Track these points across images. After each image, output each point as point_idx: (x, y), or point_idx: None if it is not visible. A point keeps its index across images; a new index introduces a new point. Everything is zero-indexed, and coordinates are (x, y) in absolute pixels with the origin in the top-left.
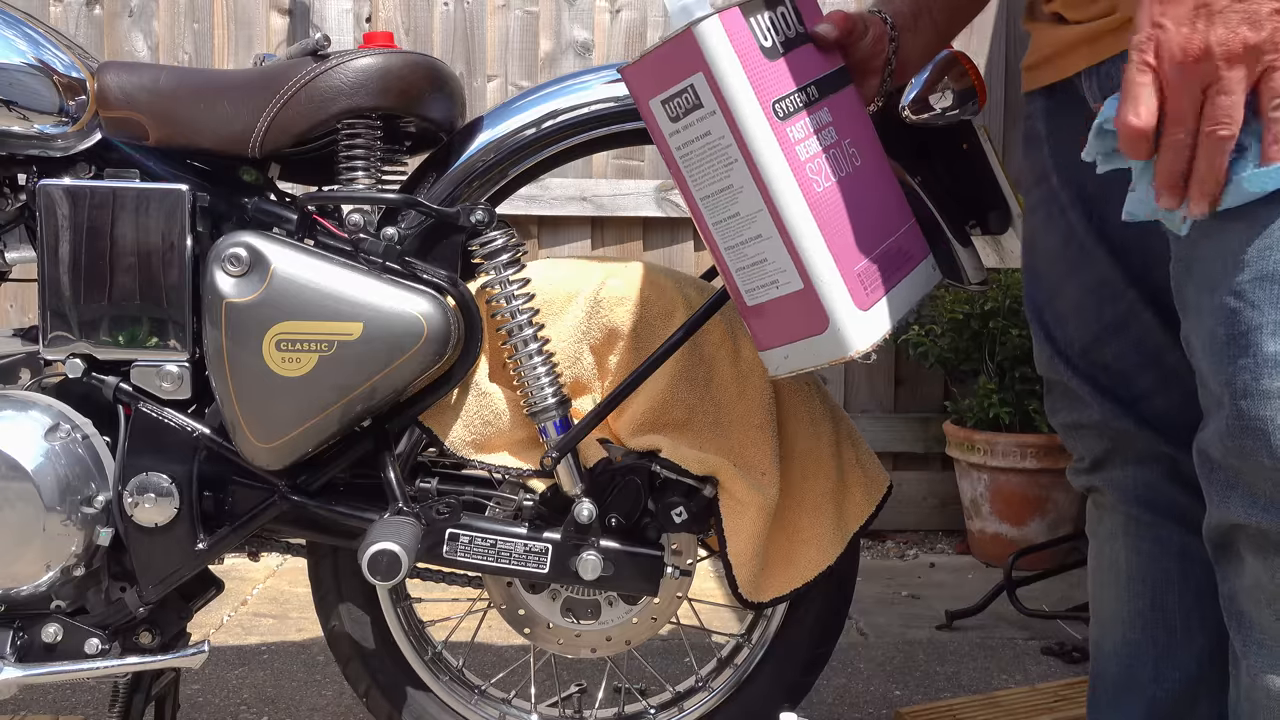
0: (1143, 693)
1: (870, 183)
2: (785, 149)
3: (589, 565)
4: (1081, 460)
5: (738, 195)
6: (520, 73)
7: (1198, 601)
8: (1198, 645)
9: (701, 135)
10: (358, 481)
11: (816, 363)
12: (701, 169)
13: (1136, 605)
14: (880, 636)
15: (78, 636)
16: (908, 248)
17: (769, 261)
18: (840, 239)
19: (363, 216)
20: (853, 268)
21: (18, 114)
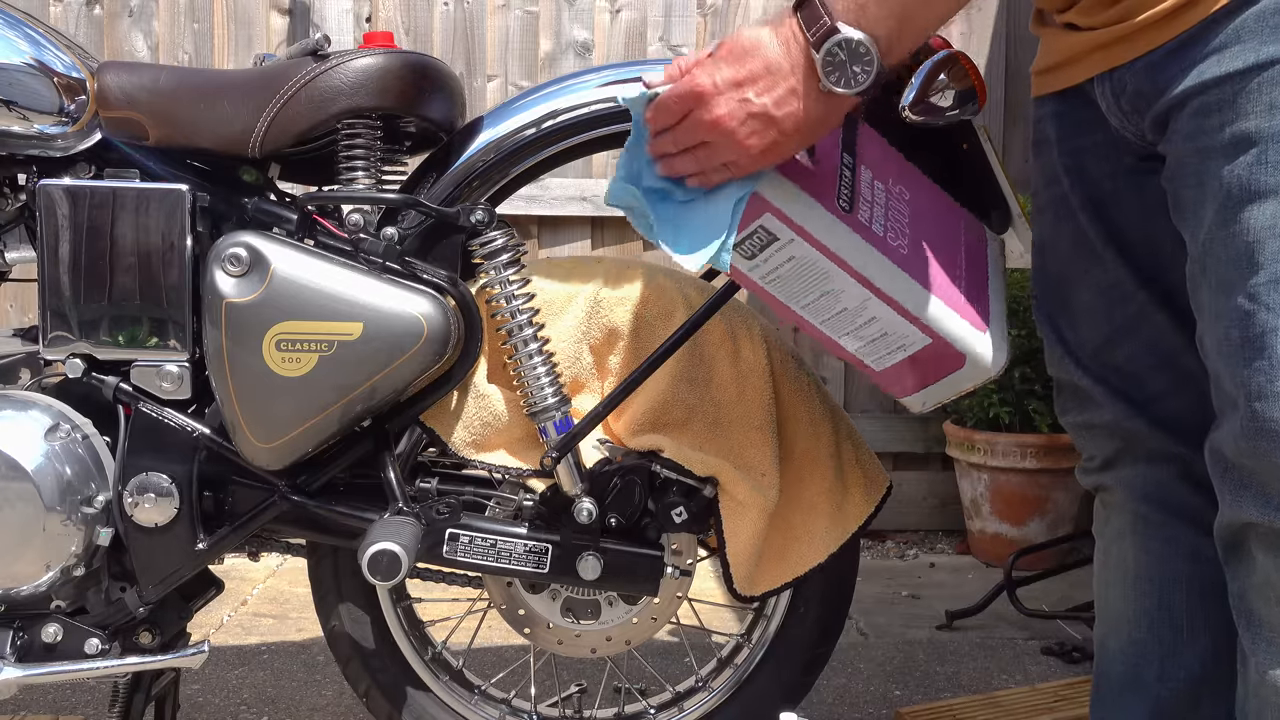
0: (1148, 692)
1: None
2: (866, 237)
3: (589, 565)
4: (1092, 459)
5: (840, 295)
6: (520, 73)
7: (1203, 602)
8: (1202, 645)
9: (786, 261)
10: (358, 481)
11: (961, 390)
12: (794, 286)
13: (1143, 604)
14: (880, 636)
15: (78, 636)
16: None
17: (890, 334)
18: (940, 279)
19: (363, 216)
20: (961, 299)
21: (18, 114)
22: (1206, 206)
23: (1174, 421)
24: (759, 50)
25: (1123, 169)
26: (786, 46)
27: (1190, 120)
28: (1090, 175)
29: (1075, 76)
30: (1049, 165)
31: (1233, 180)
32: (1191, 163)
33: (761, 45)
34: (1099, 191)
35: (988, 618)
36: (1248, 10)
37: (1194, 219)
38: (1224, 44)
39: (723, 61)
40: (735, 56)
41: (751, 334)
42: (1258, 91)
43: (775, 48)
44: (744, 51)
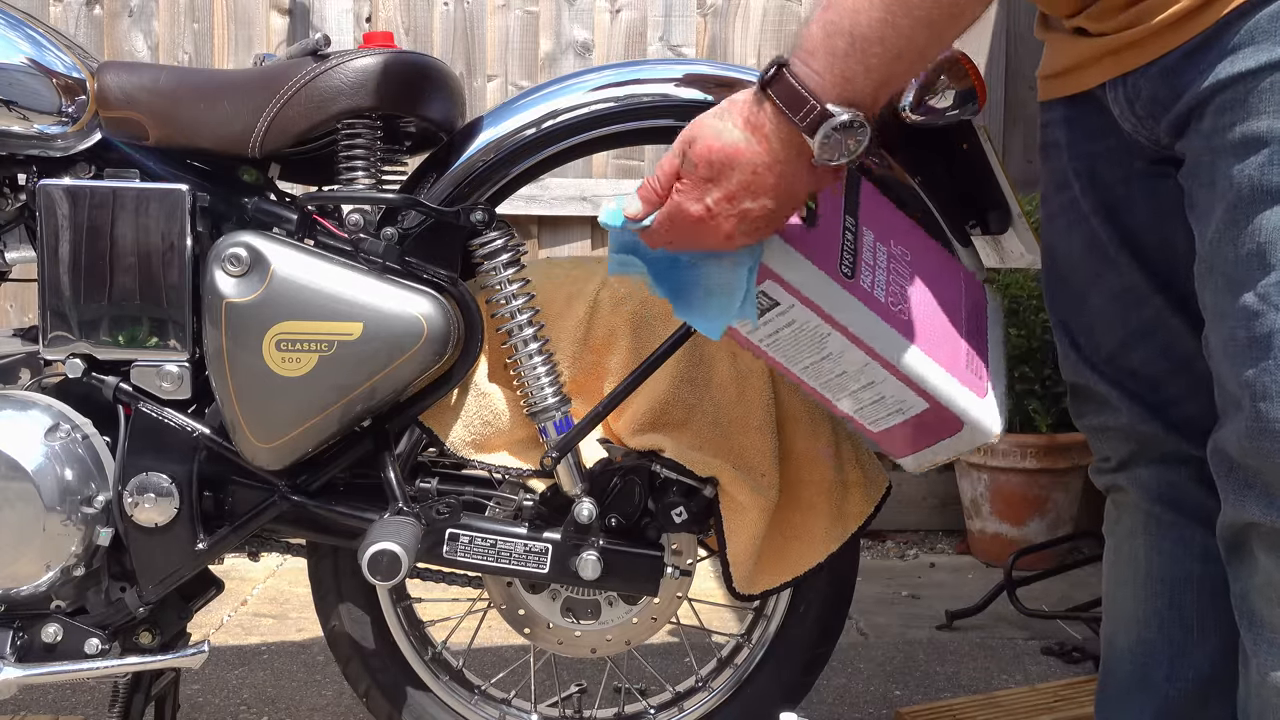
0: (1156, 691)
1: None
2: (868, 303)
3: (589, 565)
4: (1106, 460)
5: (839, 359)
6: (520, 73)
7: (1214, 602)
8: (1211, 645)
9: (786, 325)
10: (358, 481)
11: (958, 453)
12: (794, 349)
13: (1154, 604)
14: (880, 636)
15: (78, 636)
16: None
17: (887, 397)
18: (939, 344)
19: (363, 216)
20: (961, 363)
21: (18, 114)
22: (1216, 206)
23: (1189, 424)
24: (740, 157)
25: (1135, 173)
26: (768, 142)
27: (1206, 120)
28: (1102, 180)
29: (1085, 82)
30: (1059, 170)
31: (1243, 180)
32: (1205, 161)
33: (740, 152)
34: (1111, 196)
35: (988, 618)
36: (1262, 11)
37: (1204, 218)
38: (1238, 44)
39: (706, 181)
40: (718, 171)
41: None
42: (1270, 91)
43: (756, 148)
44: (725, 163)
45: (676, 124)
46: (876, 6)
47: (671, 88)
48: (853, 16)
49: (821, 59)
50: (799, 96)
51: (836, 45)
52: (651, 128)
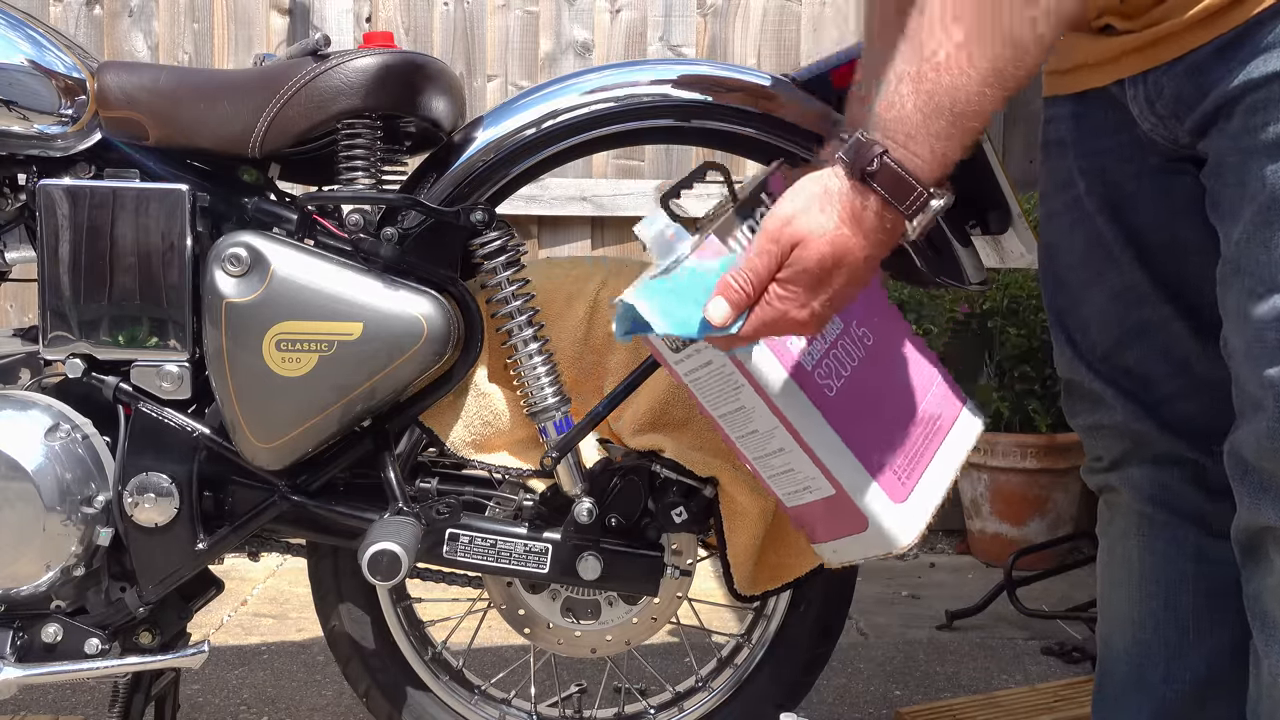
0: (1153, 693)
1: (886, 359)
2: (788, 365)
3: (589, 565)
4: (1099, 460)
5: (752, 415)
6: (520, 73)
7: (1209, 603)
8: (1208, 647)
9: (704, 364)
10: (358, 481)
11: (866, 556)
12: (712, 392)
13: (1149, 605)
14: (880, 636)
15: (78, 636)
16: (939, 410)
17: (796, 471)
18: (863, 436)
19: (363, 216)
20: (882, 462)
21: (18, 114)
22: (1245, 207)
23: (1184, 424)
24: (849, 255)
25: (1147, 170)
26: (872, 234)
27: (1235, 119)
28: (1111, 177)
29: (1100, 79)
30: (1063, 168)
31: (1276, 181)
32: (1233, 162)
33: (850, 249)
34: (1119, 194)
35: (988, 618)
36: None
37: (1231, 218)
38: (1272, 43)
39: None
40: (824, 274)
41: None
42: None
43: (862, 241)
44: (836, 264)
45: (677, 124)
46: (975, 81)
47: (671, 88)
48: (952, 94)
49: (923, 142)
50: (906, 185)
51: (938, 127)
52: (651, 128)
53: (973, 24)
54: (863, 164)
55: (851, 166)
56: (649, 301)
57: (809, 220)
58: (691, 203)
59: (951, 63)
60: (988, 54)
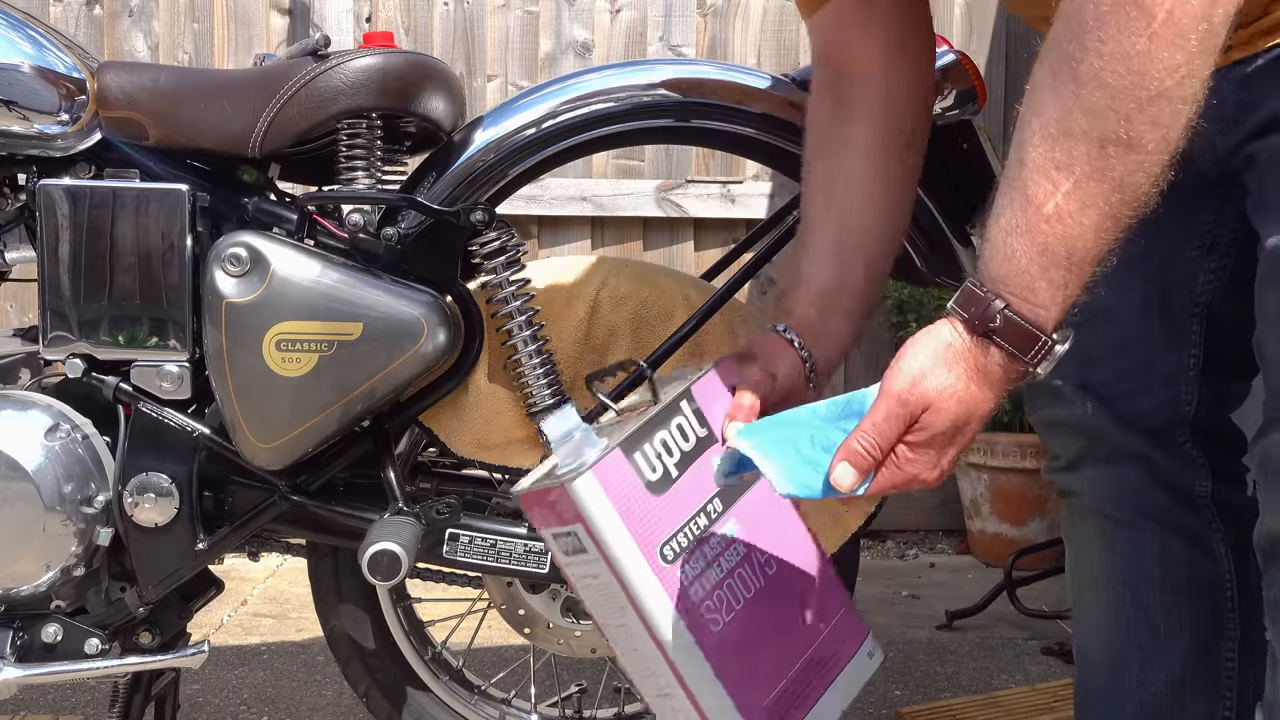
0: (1131, 695)
1: (786, 591)
2: (675, 596)
3: None
4: (1057, 459)
5: (633, 635)
6: (520, 73)
7: (1178, 602)
8: (1181, 646)
9: (591, 576)
10: (358, 481)
11: None
12: (598, 603)
13: (1119, 606)
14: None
15: (78, 636)
16: (834, 649)
17: (673, 698)
18: (747, 676)
19: (363, 216)
20: (764, 703)
21: (18, 114)
22: None
23: (1142, 420)
24: (977, 412)
25: None
26: (997, 387)
27: None
28: None
29: None
30: None
31: None
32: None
33: (978, 407)
34: None
35: (988, 618)
36: None
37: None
38: None
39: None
40: (955, 430)
41: (752, 334)
42: None
43: (988, 394)
44: (966, 422)
45: (677, 124)
46: (1089, 229)
47: (671, 88)
48: (1068, 244)
49: (1044, 293)
50: (1030, 337)
51: (1056, 277)
52: (651, 128)
53: (1080, 174)
54: (985, 321)
55: (971, 322)
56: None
57: (937, 381)
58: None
59: (1063, 213)
60: (1098, 202)
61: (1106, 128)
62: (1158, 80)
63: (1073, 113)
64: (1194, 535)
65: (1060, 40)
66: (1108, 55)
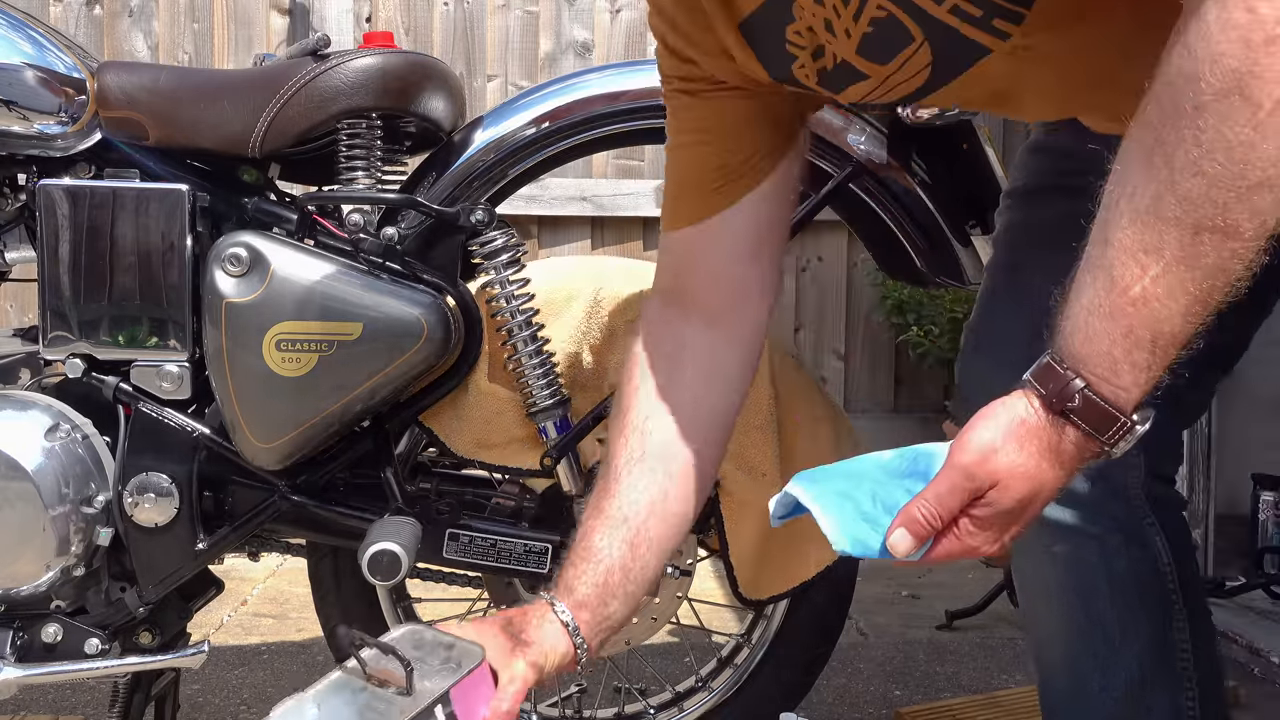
0: (1095, 702)
1: None
2: None
3: None
4: None
5: None
6: (520, 73)
7: (1128, 605)
8: (1136, 646)
9: None
10: (358, 481)
11: None
12: None
13: (1071, 615)
14: (880, 636)
15: (78, 636)
16: None
17: None
18: None
19: (363, 216)
20: None
21: (18, 114)
22: None
23: None
24: (1044, 491)
25: None
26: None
27: None
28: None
29: None
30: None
31: None
32: None
33: (1046, 486)
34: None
35: (988, 618)
36: None
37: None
38: None
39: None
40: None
41: None
42: None
43: (1057, 473)
44: (1031, 500)
45: None
46: (1177, 314)
47: None
48: (1153, 328)
49: (1127, 375)
50: (1109, 418)
51: (1139, 359)
52: (651, 128)
53: (1171, 258)
54: (1064, 400)
55: (1049, 399)
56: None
57: (1007, 458)
58: None
59: (1149, 297)
60: (1188, 288)
61: (1202, 215)
62: (1260, 170)
63: (1165, 198)
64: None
65: (1154, 123)
66: (1206, 144)
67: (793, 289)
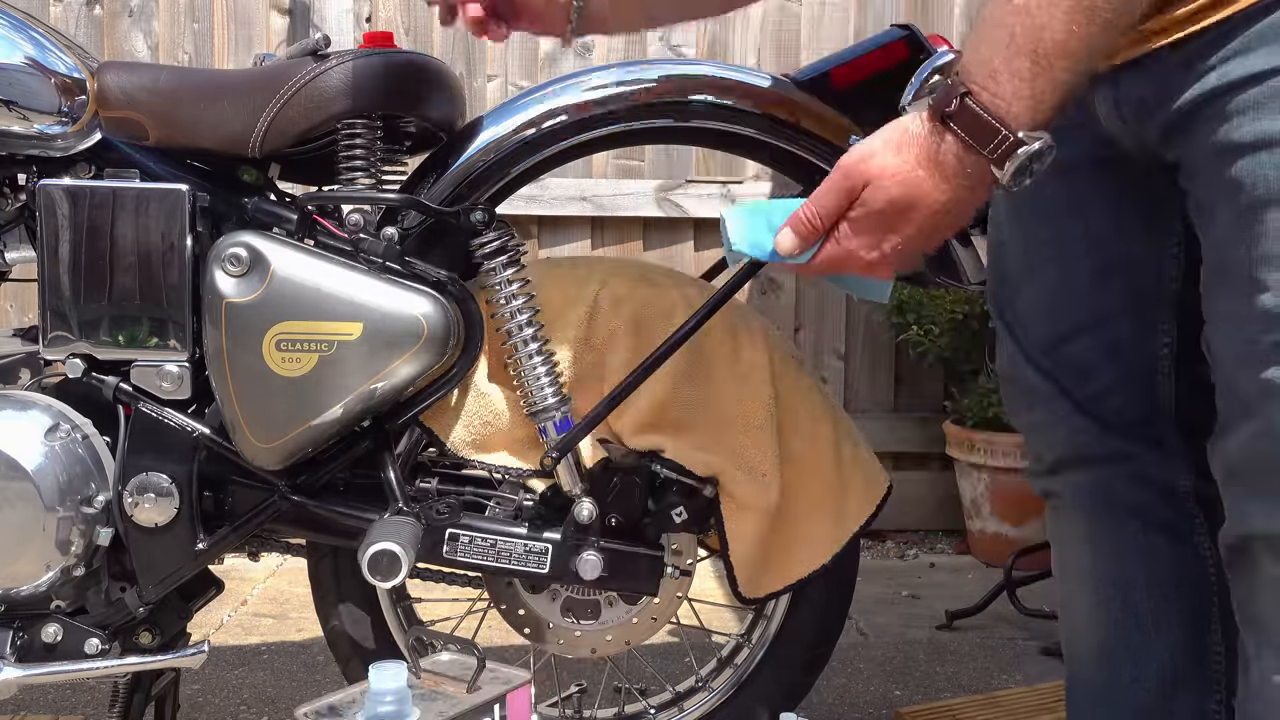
0: (1125, 693)
1: None
2: None
3: (589, 565)
4: (1040, 461)
5: None
6: (520, 73)
7: (1165, 598)
8: (1170, 640)
9: None
10: (358, 481)
11: None
12: None
13: (1108, 608)
14: (880, 636)
15: (78, 636)
16: None
17: None
18: None
19: (363, 216)
20: None
21: (18, 114)
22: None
23: (1120, 418)
24: (923, 200)
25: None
26: (952, 180)
27: (1210, 122)
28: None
29: None
30: None
31: (1258, 179)
32: (1212, 164)
33: (925, 194)
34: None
35: (988, 618)
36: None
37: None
38: (1246, 47)
39: (884, 227)
40: (899, 215)
41: (752, 334)
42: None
43: (941, 186)
44: (908, 207)
45: (676, 124)
46: (1058, 22)
47: (671, 88)
48: (1035, 34)
49: (1007, 85)
50: (989, 127)
51: (1020, 67)
52: (651, 128)
53: None
54: (942, 105)
55: (934, 109)
56: (735, 220)
57: (883, 160)
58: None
59: (1031, 4)
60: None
61: None
62: None
63: None
64: (1177, 531)
65: None
66: None
67: (793, 289)
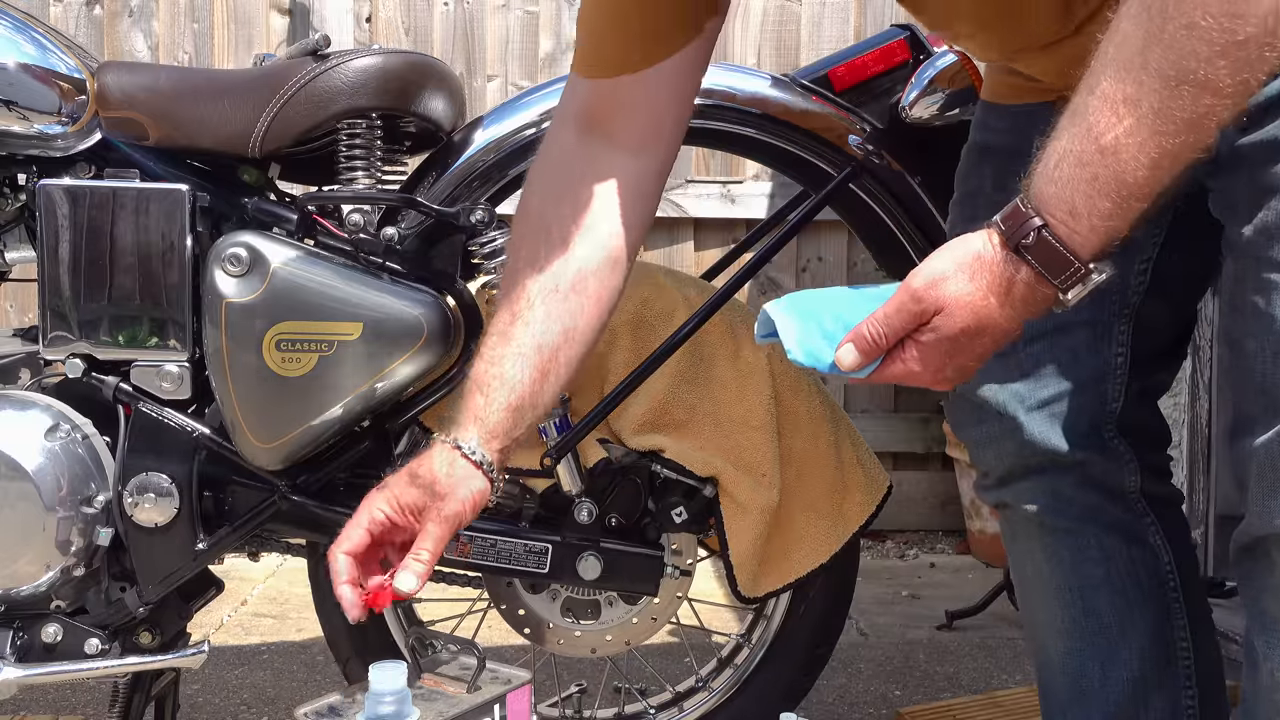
0: (1096, 699)
1: None
2: None
3: (589, 565)
4: (986, 476)
5: None
6: (520, 73)
7: (1126, 600)
8: (1136, 644)
9: None
10: (358, 481)
11: None
12: None
13: (1070, 614)
14: (880, 636)
15: (78, 636)
16: None
17: None
18: None
19: (363, 216)
20: None
21: (18, 114)
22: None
23: (1068, 424)
24: (991, 327)
25: None
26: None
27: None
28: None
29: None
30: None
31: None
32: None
33: (994, 322)
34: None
35: (988, 618)
36: None
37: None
38: None
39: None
40: (965, 339)
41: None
42: None
43: (1006, 313)
44: (977, 333)
45: None
46: (1145, 166)
47: None
48: (1120, 177)
49: (1085, 221)
50: (1063, 260)
51: (1101, 207)
52: None
53: (1147, 110)
54: (1019, 236)
55: (1006, 235)
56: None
57: (956, 286)
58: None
59: (1120, 147)
60: (1161, 142)
61: (1186, 67)
62: (1250, 26)
63: (1152, 48)
64: (1131, 532)
65: None
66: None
67: (793, 289)
